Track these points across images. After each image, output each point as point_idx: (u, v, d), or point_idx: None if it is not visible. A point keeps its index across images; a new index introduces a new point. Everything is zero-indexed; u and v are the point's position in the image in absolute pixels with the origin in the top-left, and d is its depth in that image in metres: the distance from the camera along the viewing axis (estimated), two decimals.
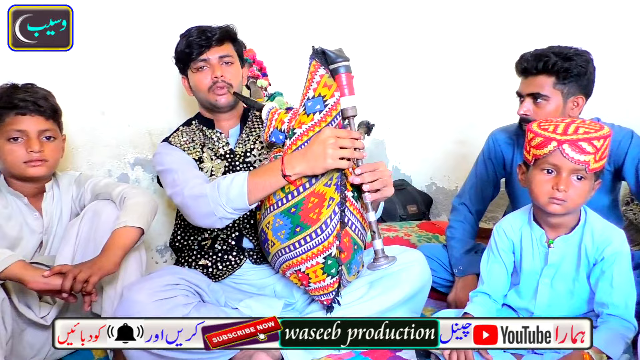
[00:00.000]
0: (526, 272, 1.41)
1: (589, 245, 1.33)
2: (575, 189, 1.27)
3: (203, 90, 1.60)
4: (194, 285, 1.46)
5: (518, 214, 1.45)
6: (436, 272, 1.82)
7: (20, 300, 1.39)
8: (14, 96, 1.43)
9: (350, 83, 1.35)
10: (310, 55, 1.38)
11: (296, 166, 1.35)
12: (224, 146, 1.64)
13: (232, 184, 1.38)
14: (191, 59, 1.58)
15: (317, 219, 1.37)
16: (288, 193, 1.39)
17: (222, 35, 1.59)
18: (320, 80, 1.36)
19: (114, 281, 1.43)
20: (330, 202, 1.37)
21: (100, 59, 1.88)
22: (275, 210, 1.41)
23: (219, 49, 1.59)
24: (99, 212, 1.47)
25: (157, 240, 2.13)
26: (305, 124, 1.39)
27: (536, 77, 1.63)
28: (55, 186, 1.56)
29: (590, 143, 1.23)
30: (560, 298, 1.38)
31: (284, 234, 1.40)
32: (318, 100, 1.36)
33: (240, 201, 1.37)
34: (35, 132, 1.44)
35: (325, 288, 1.42)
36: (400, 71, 2.59)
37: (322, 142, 1.32)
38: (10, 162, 1.44)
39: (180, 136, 1.64)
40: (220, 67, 1.58)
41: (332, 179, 1.39)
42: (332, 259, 1.38)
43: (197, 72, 1.60)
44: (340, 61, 1.34)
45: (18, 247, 1.46)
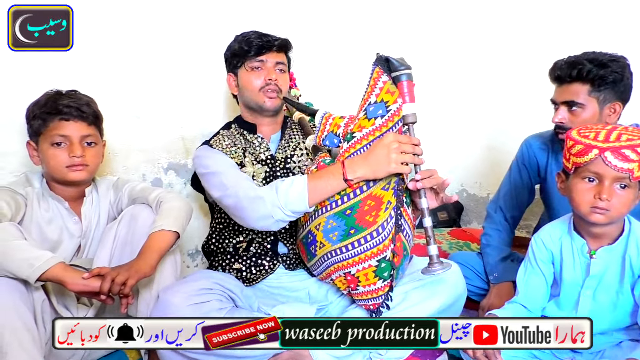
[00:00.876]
0: (567, 283, 1.38)
1: (634, 256, 1.29)
2: (619, 197, 1.23)
3: (253, 90, 1.62)
4: (227, 291, 1.47)
5: (557, 224, 1.42)
6: (470, 280, 1.79)
7: (59, 301, 1.42)
8: (58, 102, 1.46)
9: (412, 91, 1.37)
10: (373, 61, 1.40)
11: (358, 170, 1.35)
12: (265, 151, 1.65)
13: (293, 186, 1.38)
14: (248, 56, 1.61)
15: (373, 221, 1.37)
16: (344, 195, 1.40)
17: (282, 43, 1.64)
18: (383, 87, 1.37)
19: (149, 284, 1.45)
20: (388, 205, 1.38)
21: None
22: (329, 211, 1.41)
23: (277, 54, 1.63)
24: (136, 216, 1.49)
25: (188, 244, 2.15)
26: (366, 128, 1.39)
27: (570, 84, 1.60)
28: (94, 191, 1.59)
29: (634, 150, 1.20)
30: (603, 310, 1.34)
31: (336, 235, 1.40)
32: (380, 105, 1.37)
33: (300, 204, 1.38)
34: (78, 137, 1.48)
35: (375, 292, 1.42)
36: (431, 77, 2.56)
37: (386, 147, 1.33)
38: (53, 166, 1.47)
39: (222, 140, 1.65)
40: (275, 72, 1.62)
41: (390, 183, 1.39)
42: (387, 262, 1.39)
43: (251, 71, 1.62)
44: (403, 69, 1.36)
45: (57, 251, 1.49)
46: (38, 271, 1.24)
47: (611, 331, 1.37)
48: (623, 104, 1.63)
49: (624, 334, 1.37)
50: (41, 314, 1.31)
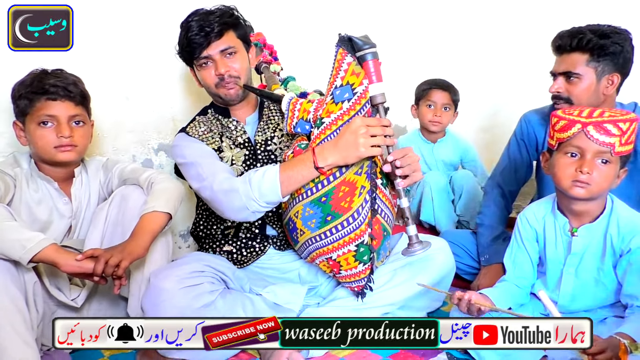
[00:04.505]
0: (550, 261, 1.40)
1: (615, 235, 1.32)
2: (600, 172, 1.25)
3: (210, 86, 1.59)
4: (219, 273, 1.48)
5: (542, 203, 1.44)
6: (461, 258, 1.82)
7: (51, 282, 1.42)
8: (44, 82, 1.44)
9: (378, 70, 1.34)
10: (336, 43, 1.36)
11: (328, 157, 1.34)
12: (242, 135, 1.63)
13: (264, 177, 1.38)
14: (194, 57, 1.56)
15: (348, 207, 1.37)
16: (318, 182, 1.39)
17: (220, 27, 1.53)
18: (347, 69, 1.34)
19: (141, 265, 1.46)
20: (362, 190, 1.37)
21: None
22: (305, 199, 1.42)
23: (218, 42, 1.54)
24: (127, 197, 1.49)
25: (180, 226, 2.15)
26: (334, 112, 1.38)
27: (570, 54, 1.61)
28: (83, 171, 1.58)
29: (616, 125, 1.22)
30: (585, 288, 1.37)
31: (314, 222, 1.41)
32: (346, 88, 1.35)
33: (273, 195, 1.38)
34: (66, 117, 1.46)
35: (357, 275, 1.43)
36: (423, 58, 2.56)
37: (354, 132, 1.31)
38: (41, 146, 1.46)
39: (197, 126, 1.63)
40: (223, 62, 1.55)
41: (363, 167, 1.39)
42: (365, 247, 1.39)
43: (201, 68, 1.58)
44: (367, 48, 1.33)
45: (48, 231, 1.48)
46: (30, 253, 1.24)
47: (595, 308, 1.40)
48: (622, 77, 1.63)
49: (608, 311, 1.39)
50: (33, 296, 1.32)
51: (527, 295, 1.45)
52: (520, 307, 1.41)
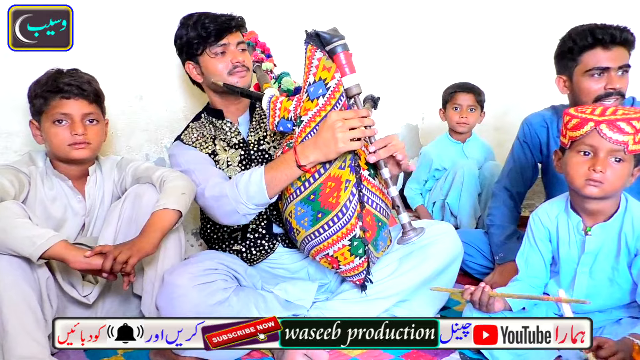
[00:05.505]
0: (563, 261, 1.39)
1: (629, 234, 1.30)
2: (613, 170, 1.23)
3: (221, 74, 1.59)
4: (232, 270, 1.49)
5: (555, 202, 1.43)
6: (474, 258, 1.81)
7: (65, 278, 1.43)
8: (59, 81, 1.46)
9: (350, 61, 1.33)
10: (304, 39, 1.36)
11: (309, 155, 1.34)
12: (236, 136, 1.64)
13: (250, 180, 1.39)
14: (208, 43, 1.57)
15: (336, 202, 1.37)
16: (305, 181, 1.39)
17: (240, 23, 1.62)
18: (318, 64, 1.34)
19: (154, 262, 1.46)
20: (347, 184, 1.37)
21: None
22: (295, 199, 1.42)
23: (236, 35, 1.61)
24: (141, 195, 1.50)
25: (192, 224, 2.16)
26: (311, 110, 1.38)
27: (619, 48, 1.58)
28: (98, 170, 1.60)
29: (629, 123, 1.20)
30: (600, 287, 1.35)
31: (307, 221, 1.41)
32: (319, 84, 1.35)
33: (261, 196, 1.38)
34: (79, 115, 1.48)
35: (356, 269, 1.44)
36: (435, 57, 2.55)
37: (330, 128, 1.30)
38: (56, 144, 1.48)
39: (191, 133, 1.64)
40: (238, 52, 1.60)
41: (346, 161, 1.38)
42: (358, 240, 1.39)
43: (215, 57, 1.58)
44: (336, 41, 1.31)
45: (62, 229, 1.50)
46: (40, 249, 1.25)
47: (610, 309, 1.38)
48: None
49: (623, 312, 1.38)
50: (46, 291, 1.33)
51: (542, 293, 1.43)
52: (533, 306, 1.40)
